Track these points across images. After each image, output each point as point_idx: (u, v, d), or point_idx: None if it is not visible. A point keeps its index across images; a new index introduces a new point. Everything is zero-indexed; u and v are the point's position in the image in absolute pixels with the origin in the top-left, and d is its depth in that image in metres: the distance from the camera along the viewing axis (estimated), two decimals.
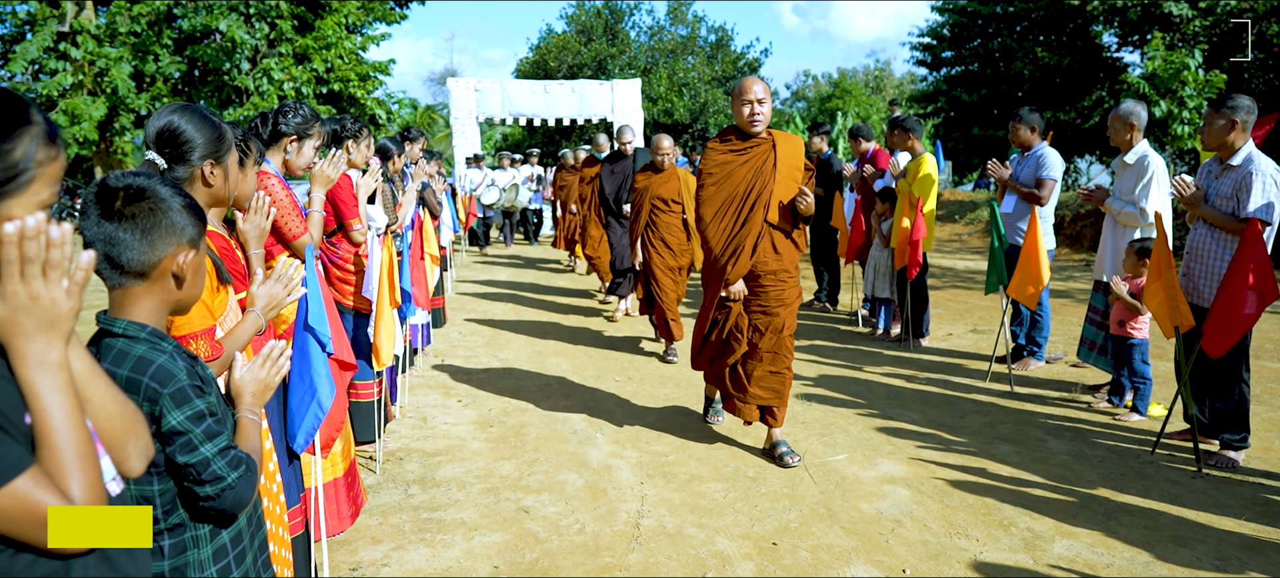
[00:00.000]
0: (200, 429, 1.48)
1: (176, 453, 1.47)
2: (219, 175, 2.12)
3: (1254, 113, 3.97)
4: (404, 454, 4.33)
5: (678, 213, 6.32)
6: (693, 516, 3.53)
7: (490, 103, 15.28)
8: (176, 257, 1.49)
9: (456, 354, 6.58)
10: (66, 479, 1.04)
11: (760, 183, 3.94)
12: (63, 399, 1.06)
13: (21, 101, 1.15)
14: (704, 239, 4.05)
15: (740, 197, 3.96)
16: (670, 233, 6.29)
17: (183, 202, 1.51)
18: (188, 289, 1.56)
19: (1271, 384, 5.34)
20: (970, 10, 19.00)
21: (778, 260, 4.02)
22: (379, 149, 5.35)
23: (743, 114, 3.93)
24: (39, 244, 1.03)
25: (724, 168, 4.00)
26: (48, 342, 1.06)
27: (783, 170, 3.94)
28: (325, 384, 2.55)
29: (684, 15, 24.57)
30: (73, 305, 1.07)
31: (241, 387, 1.73)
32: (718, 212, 4.00)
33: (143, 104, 14.80)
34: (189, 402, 1.47)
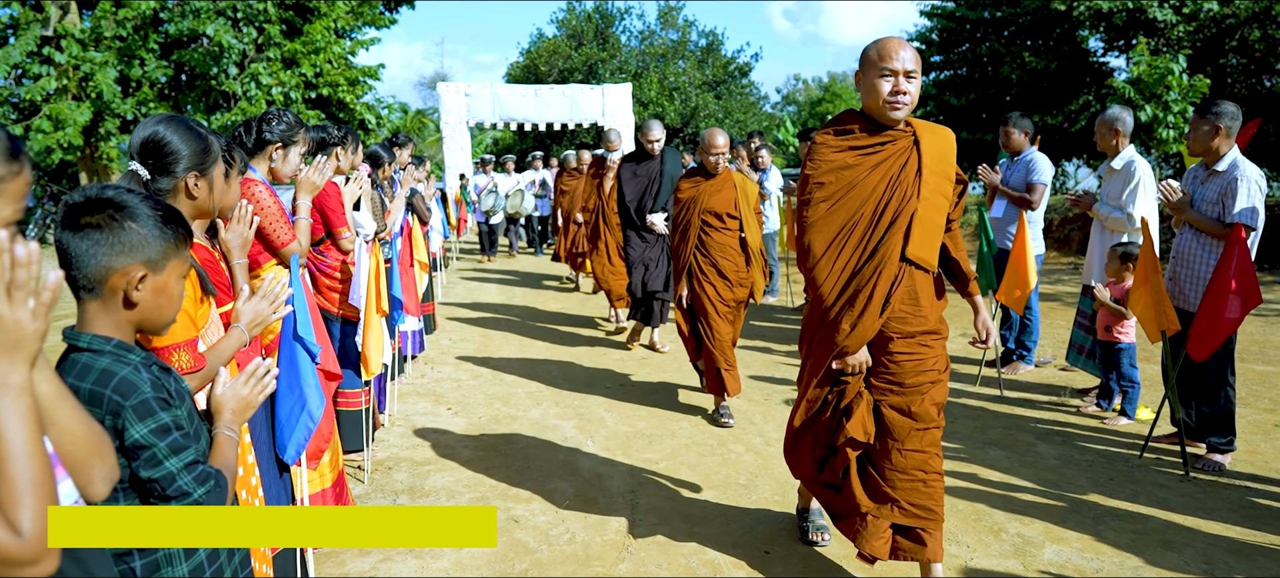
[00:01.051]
0: (165, 443, 1.44)
1: (141, 467, 1.44)
2: (203, 188, 2.10)
3: (1238, 119, 4.00)
4: (393, 463, 4.30)
5: (734, 231, 4.89)
6: (684, 524, 3.52)
7: (481, 107, 15.25)
8: (127, 274, 1.44)
9: (446, 361, 6.55)
10: (16, 509, 0.99)
11: (899, 196, 2.64)
12: (21, 424, 1.01)
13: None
14: (811, 281, 2.72)
15: (868, 218, 2.64)
16: (725, 257, 4.83)
17: (150, 223, 1.47)
18: (143, 312, 1.50)
19: (1256, 387, 5.37)
20: (958, 15, 19.11)
21: (918, 315, 2.72)
22: (369, 155, 5.32)
23: (881, 91, 2.58)
24: (2, 263, 0.99)
25: (843, 175, 2.66)
26: (9, 364, 1.01)
27: (930, 179, 2.65)
28: (315, 394, 2.53)
29: (674, 19, 24.61)
30: (38, 327, 1.03)
31: (222, 403, 1.70)
32: (834, 241, 2.68)
33: (128, 109, 14.70)
34: (153, 415, 1.44)
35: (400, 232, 5.62)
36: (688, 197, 4.90)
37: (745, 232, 4.89)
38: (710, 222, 4.84)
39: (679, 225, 4.95)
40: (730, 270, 4.84)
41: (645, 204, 6.37)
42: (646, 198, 6.38)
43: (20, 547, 0.98)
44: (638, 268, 6.45)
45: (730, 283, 4.85)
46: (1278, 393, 5.26)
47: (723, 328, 4.85)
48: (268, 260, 3.00)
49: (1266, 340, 6.64)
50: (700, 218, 4.84)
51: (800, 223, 2.72)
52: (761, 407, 5.19)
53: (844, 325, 2.66)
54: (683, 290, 4.93)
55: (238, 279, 2.39)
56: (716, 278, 4.84)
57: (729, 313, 4.88)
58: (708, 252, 4.84)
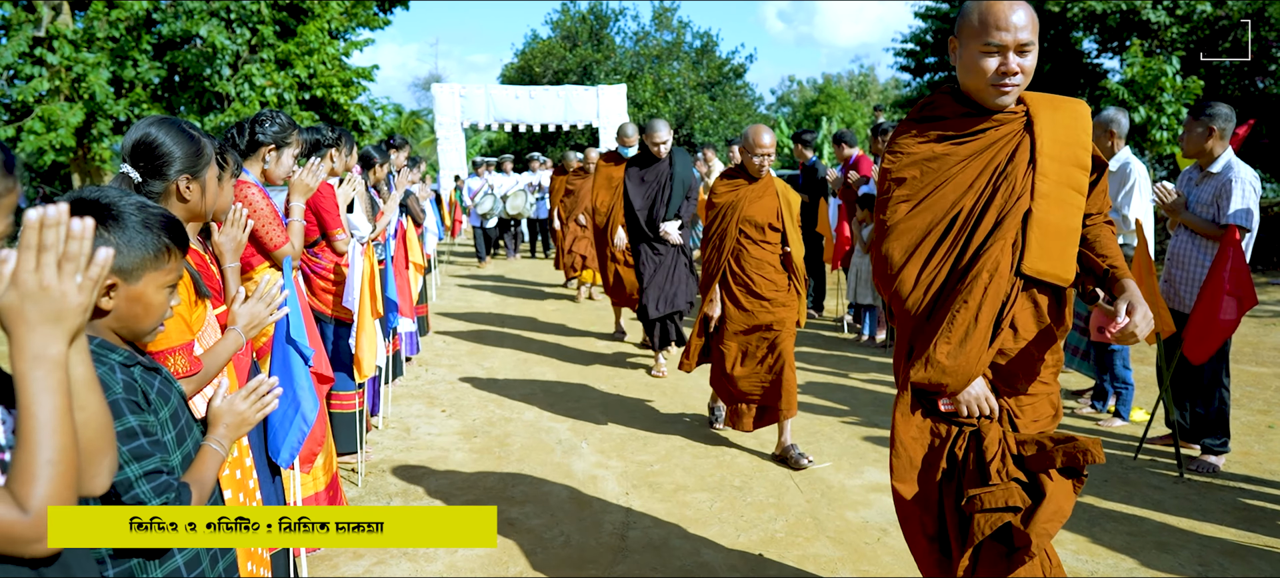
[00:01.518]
0: (127, 448, 1.41)
1: None
2: (195, 190, 2.08)
3: (1232, 121, 4.01)
4: (387, 466, 4.29)
5: (775, 245, 4.27)
6: (678, 526, 3.51)
7: (475, 108, 15.22)
8: None
9: (440, 363, 6.54)
10: (28, 485, 0.99)
11: (1005, 193, 2.07)
12: (52, 399, 1.00)
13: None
14: (892, 299, 2.17)
15: (962, 221, 2.08)
16: (762, 274, 4.22)
17: (130, 231, 1.44)
18: (117, 320, 1.48)
19: (1250, 388, 5.39)
20: (952, 16, 19.15)
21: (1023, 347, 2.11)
22: (361, 157, 5.30)
23: (984, 70, 2.01)
24: (57, 234, 0.99)
25: (929, 168, 2.13)
26: (50, 335, 1.00)
27: (1052, 170, 2.06)
28: (309, 398, 2.52)
29: (669, 21, 24.62)
30: (82, 301, 1.02)
31: (217, 415, 1.68)
32: (917, 249, 2.13)
33: (121, 110, 14.64)
34: (120, 417, 1.41)
35: (395, 233, 5.60)
36: (725, 202, 4.24)
37: (790, 245, 4.24)
38: (749, 233, 4.20)
39: (712, 235, 4.31)
40: (767, 289, 4.20)
41: (657, 212, 5.76)
42: (658, 205, 5.77)
43: (23, 525, 0.98)
44: (653, 286, 5.79)
45: (768, 303, 4.19)
46: (1271, 394, 5.27)
47: (733, 353, 4.29)
48: (260, 263, 2.99)
49: (1260, 342, 6.66)
50: (738, 228, 4.20)
51: (878, 230, 2.20)
52: None
53: (938, 355, 2.04)
54: (713, 310, 4.31)
55: (230, 282, 2.37)
56: (747, 298, 4.21)
57: (752, 343, 4.25)
58: (742, 267, 4.21)
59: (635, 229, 5.89)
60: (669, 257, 5.85)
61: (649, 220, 5.80)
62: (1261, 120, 13.73)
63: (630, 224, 5.92)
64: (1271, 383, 5.52)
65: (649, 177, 5.82)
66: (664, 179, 5.78)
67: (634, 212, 5.81)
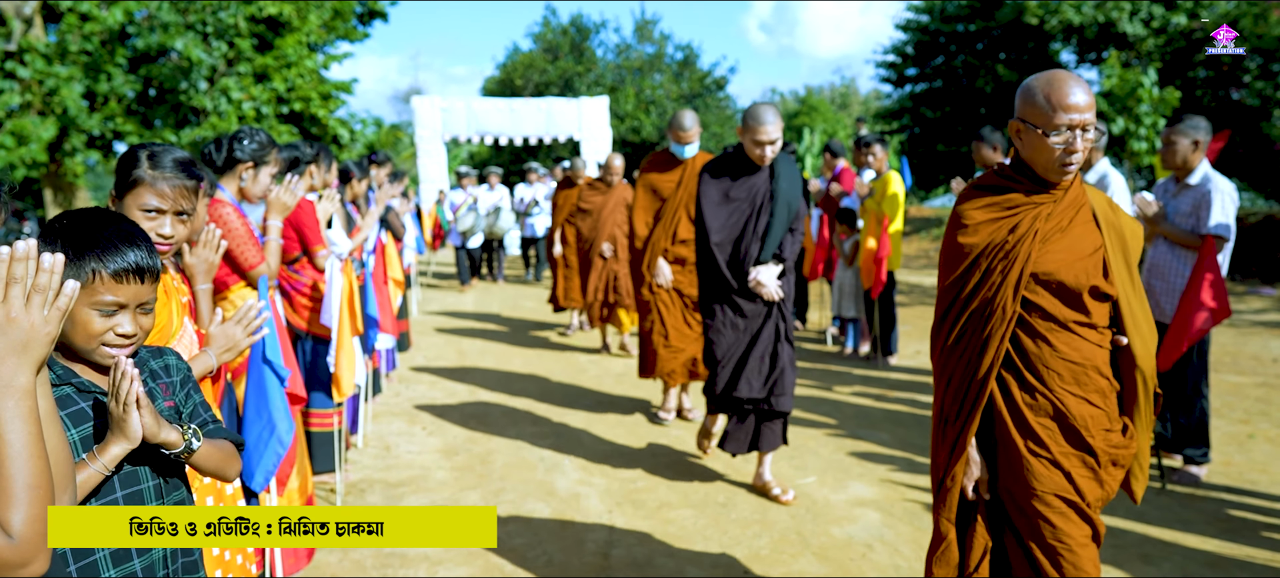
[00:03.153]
0: None
1: None
2: None
3: (1210, 133, 4.06)
4: (366, 486, 4.21)
5: (1101, 329, 2.04)
6: (662, 544, 3.47)
7: (456, 122, 15.15)
8: None
9: (422, 380, 6.46)
10: (9, 510, 1.02)
11: None
12: (22, 427, 1.04)
13: None
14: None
15: None
16: (1083, 389, 2.03)
17: None
18: None
19: (1229, 398, 5.43)
20: (932, 29, 19.37)
21: None
22: (340, 172, 5.25)
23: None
24: (27, 267, 1.04)
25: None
26: (18, 365, 1.04)
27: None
28: (284, 420, 2.47)
29: (651, 33, 24.69)
30: (51, 332, 1.07)
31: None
32: None
33: (94, 124, 14.46)
34: None
35: (374, 249, 5.54)
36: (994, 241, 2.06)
37: (1129, 337, 2.10)
38: (1046, 306, 2.01)
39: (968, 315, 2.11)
40: (1092, 423, 2.05)
41: (746, 248, 3.81)
42: (748, 238, 3.82)
43: (10, 549, 1.02)
44: (726, 361, 3.86)
45: (1094, 467, 2.07)
46: (1250, 404, 5.32)
47: None
48: (236, 282, 2.93)
49: (1239, 351, 6.73)
50: (1022, 291, 2.01)
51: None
52: None
53: None
54: (968, 478, 2.13)
55: (202, 304, 2.31)
56: (1064, 446, 2.05)
57: None
58: (1035, 371, 2.04)
59: (710, 272, 3.89)
60: (756, 318, 3.86)
61: (733, 259, 3.83)
62: (1236, 130, 13.94)
63: (702, 263, 3.94)
64: (1251, 393, 5.56)
65: (739, 192, 3.85)
66: (761, 198, 3.84)
67: (709, 245, 3.83)
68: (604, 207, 6.97)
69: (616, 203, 6.90)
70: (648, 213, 4.78)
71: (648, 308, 4.79)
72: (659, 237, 4.69)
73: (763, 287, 3.78)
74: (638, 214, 4.81)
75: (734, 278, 3.83)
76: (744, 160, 3.85)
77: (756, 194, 3.85)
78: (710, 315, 3.91)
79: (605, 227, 6.92)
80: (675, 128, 4.78)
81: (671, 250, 4.69)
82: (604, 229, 6.92)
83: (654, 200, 4.78)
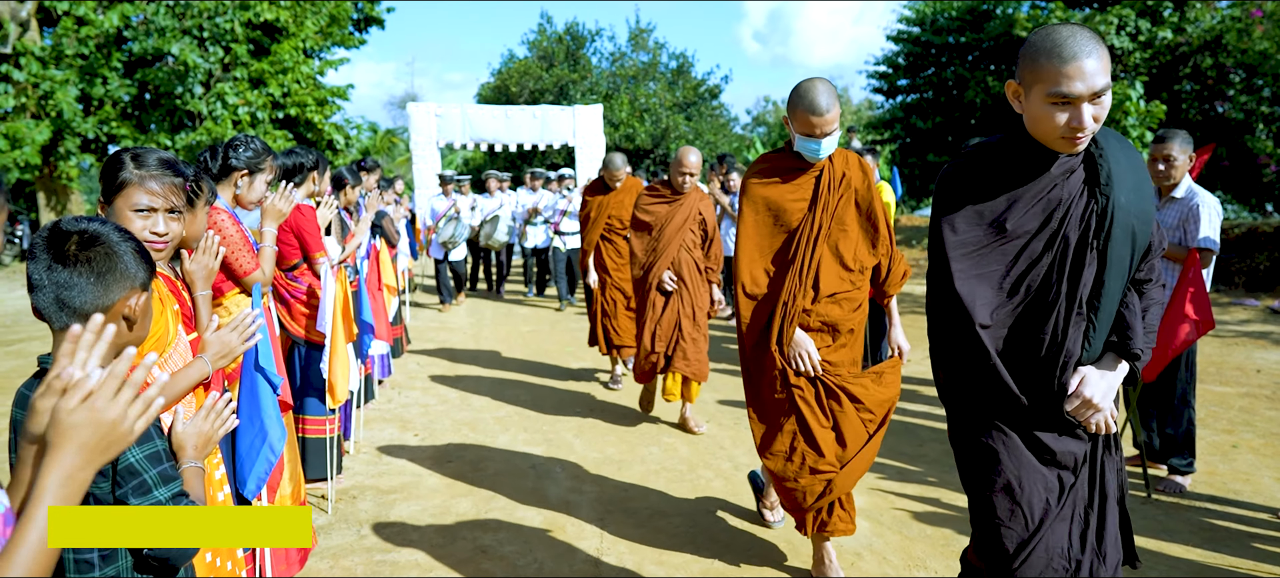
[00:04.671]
0: (156, 471, 1.48)
1: (129, 495, 1.47)
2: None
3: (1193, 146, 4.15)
4: (358, 492, 4.23)
5: None
6: (653, 552, 3.50)
7: (451, 128, 15.18)
8: (128, 300, 1.53)
9: (414, 386, 6.48)
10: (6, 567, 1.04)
11: None
12: None
13: None
14: None
15: None
16: None
17: (133, 246, 1.55)
18: (138, 331, 1.58)
19: (1214, 408, 5.49)
20: (923, 40, 19.50)
21: None
22: (334, 178, 5.27)
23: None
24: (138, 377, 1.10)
25: None
26: (91, 463, 1.06)
27: None
28: (276, 426, 2.49)
29: (645, 41, 24.79)
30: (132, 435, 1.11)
31: (184, 439, 1.71)
32: None
33: (89, 128, 14.43)
34: (149, 440, 1.49)
35: (367, 255, 5.56)
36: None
37: None
38: None
39: None
40: None
41: (1054, 330, 1.90)
42: (1054, 311, 1.90)
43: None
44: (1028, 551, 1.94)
45: None
46: (1235, 414, 5.38)
47: None
48: (231, 289, 2.95)
49: (1224, 361, 6.80)
50: None
51: None
52: (731, 431, 5.19)
53: None
54: None
55: (201, 310, 2.34)
56: None
57: None
58: None
59: (976, 377, 1.96)
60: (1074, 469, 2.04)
61: (1024, 353, 1.93)
62: (1221, 143, 14.08)
63: (959, 359, 1.99)
64: (1235, 403, 5.62)
65: (1023, 218, 1.92)
66: (1075, 224, 1.92)
67: (971, 329, 1.93)
68: (670, 220, 4.98)
69: (688, 215, 4.99)
70: (764, 252, 3.00)
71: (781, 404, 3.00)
72: (793, 291, 2.92)
73: (1091, 407, 1.91)
74: (746, 253, 3.02)
75: (1032, 390, 1.94)
76: (1024, 154, 1.92)
77: (1064, 217, 1.90)
78: (984, 462, 2.00)
79: (669, 247, 4.96)
80: (802, 109, 2.79)
81: (817, 312, 2.95)
82: (666, 251, 4.96)
83: (773, 229, 2.99)
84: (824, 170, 3.00)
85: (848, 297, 3.02)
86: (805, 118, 2.82)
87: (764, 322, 3.01)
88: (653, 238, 5.04)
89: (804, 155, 2.95)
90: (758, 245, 3.03)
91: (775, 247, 3.02)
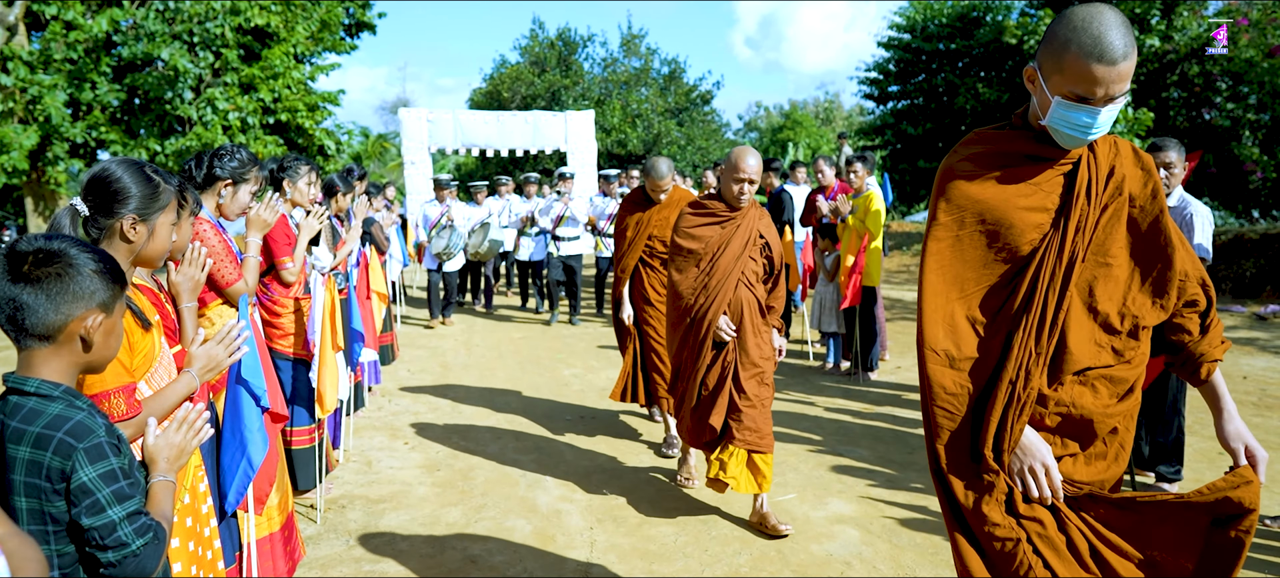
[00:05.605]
0: (110, 490, 1.46)
1: (82, 514, 1.44)
2: (141, 232, 2.05)
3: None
4: (347, 502, 4.21)
5: None
6: (643, 562, 3.49)
7: (443, 133, 15.16)
8: (85, 321, 1.51)
9: (404, 394, 6.45)
10: None
11: None
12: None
13: None
14: None
15: None
16: None
17: (96, 266, 1.52)
18: (97, 352, 1.57)
19: (1201, 414, 5.50)
20: (914, 46, 19.60)
21: None
22: (325, 186, 5.26)
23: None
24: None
25: None
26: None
27: None
28: (257, 440, 2.47)
29: (637, 47, 24.81)
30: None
31: (155, 452, 1.69)
32: None
33: (78, 133, 14.34)
34: (104, 459, 1.46)
35: (357, 262, 5.54)
36: None
37: None
38: None
39: None
40: None
41: None
42: None
43: None
44: None
45: None
46: None
47: None
48: (213, 299, 2.93)
49: None
50: None
51: None
52: None
53: None
54: None
55: (186, 323, 2.32)
56: None
57: None
58: None
59: None
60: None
61: None
62: (1208, 150, 14.19)
63: None
64: None
65: None
66: None
67: None
68: (725, 245, 3.71)
69: (748, 239, 3.73)
70: (968, 290, 1.87)
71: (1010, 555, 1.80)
72: (1022, 362, 1.79)
73: None
74: (939, 291, 1.88)
75: None
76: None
77: None
78: None
79: (726, 283, 3.69)
80: (1076, 50, 1.67)
81: (1057, 401, 1.82)
82: (722, 288, 3.69)
83: (989, 256, 1.86)
84: (1083, 163, 1.81)
85: (1108, 376, 1.83)
86: (1080, 67, 1.65)
87: (969, 410, 1.82)
88: (702, 271, 3.72)
89: (1059, 135, 1.75)
90: (959, 280, 1.86)
91: (990, 283, 1.85)
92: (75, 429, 1.45)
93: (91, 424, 1.47)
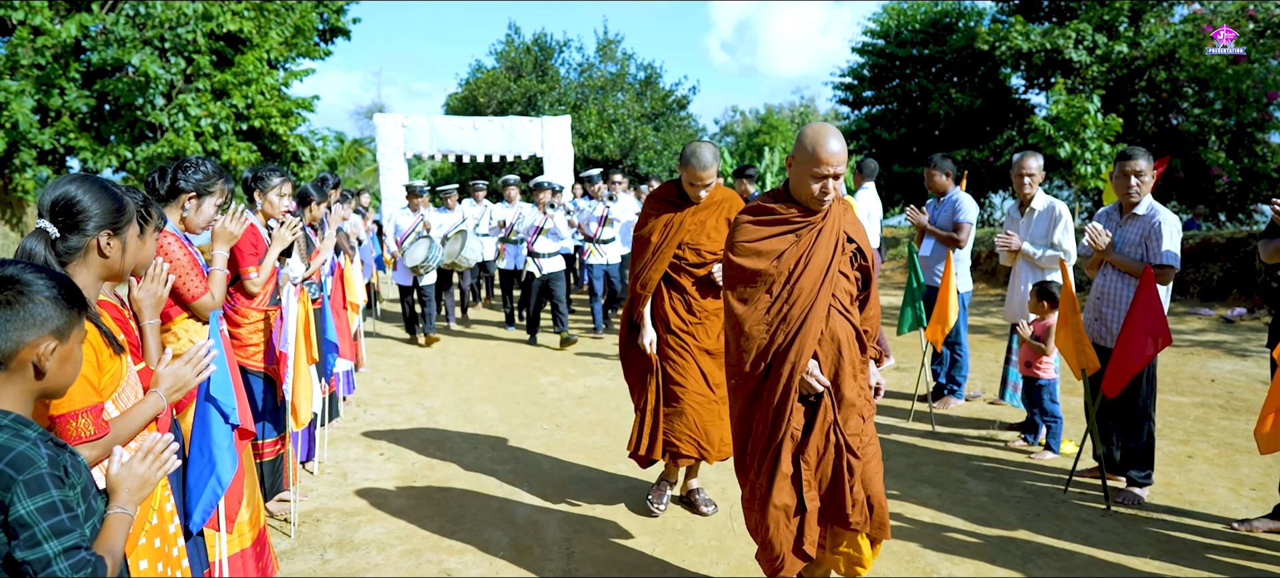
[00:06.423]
0: (48, 523, 1.42)
1: (17, 548, 1.41)
2: (116, 247, 2.02)
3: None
4: (321, 515, 4.15)
5: None
6: (619, 572, 3.48)
7: (418, 139, 15.06)
8: (36, 348, 1.48)
9: (380, 403, 6.39)
10: None
11: None
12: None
13: None
14: None
15: None
16: None
17: (50, 293, 1.49)
18: (51, 380, 1.54)
19: (1170, 418, 5.60)
20: (887, 52, 19.78)
21: None
22: (298, 195, 5.20)
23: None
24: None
25: None
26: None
27: None
28: (226, 458, 2.43)
29: (613, 52, 24.82)
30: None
31: (118, 482, 1.65)
32: None
33: (46, 139, 14.08)
34: (44, 491, 1.42)
35: (331, 272, 5.49)
36: None
37: None
38: None
39: None
40: None
41: None
42: None
43: None
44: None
45: None
46: (1191, 424, 5.49)
47: None
48: (179, 314, 2.88)
49: (1179, 372, 6.94)
50: None
51: None
52: None
53: None
54: None
55: (150, 340, 2.28)
56: None
57: None
58: None
59: None
60: None
61: None
62: (1175, 155, 14.43)
63: None
64: (1191, 412, 5.74)
65: None
66: None
67: None
68: (806, 261, 2.72)
69: (834, 247, 2.77)
70: None
71: None
72: None
73: None
74: None
75: None
76: None
77: None
78: None
79: (813, 314, 2.68)
80: None
81: None
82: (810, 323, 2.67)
83: None
84: None
85: None
86: None
87: None
88: (777, 298, 2.71)
89: None
90: None
91: None
92: (16, 460, 1.42)
93: (34, 455, 1.43)
